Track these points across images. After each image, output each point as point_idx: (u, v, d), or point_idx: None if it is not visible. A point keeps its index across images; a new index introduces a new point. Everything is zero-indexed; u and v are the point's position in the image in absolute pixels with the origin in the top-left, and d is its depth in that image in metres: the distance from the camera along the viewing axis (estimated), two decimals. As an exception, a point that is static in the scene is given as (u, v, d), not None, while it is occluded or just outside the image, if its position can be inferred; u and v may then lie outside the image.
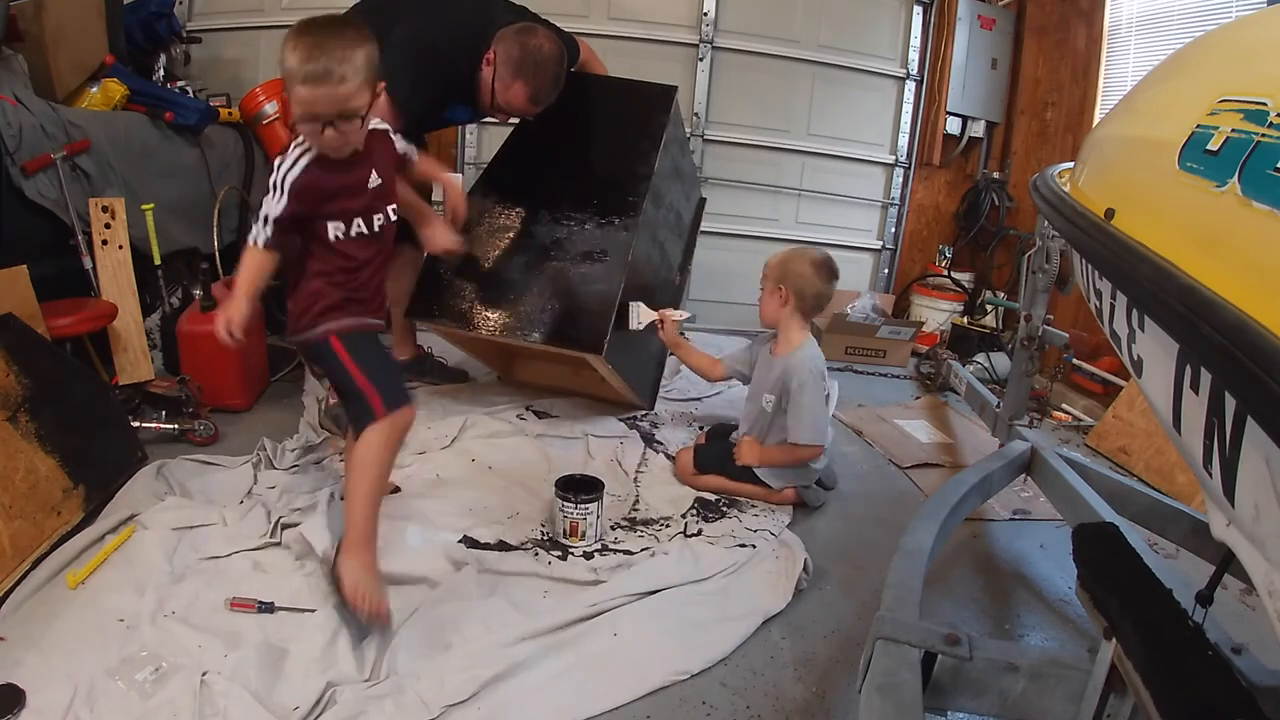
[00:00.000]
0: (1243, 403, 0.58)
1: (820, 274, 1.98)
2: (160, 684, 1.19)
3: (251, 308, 1.40)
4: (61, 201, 2.20)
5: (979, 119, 4.19)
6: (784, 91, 3.99)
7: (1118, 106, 1.11)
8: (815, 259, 2.00)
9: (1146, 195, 0.83)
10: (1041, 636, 1.63)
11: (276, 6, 3.92)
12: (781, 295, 1.99)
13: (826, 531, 1.96)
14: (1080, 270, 1.11)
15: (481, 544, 1.71)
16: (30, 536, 1.48)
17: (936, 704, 1.09)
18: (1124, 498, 1.72)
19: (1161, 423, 0.79)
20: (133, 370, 2.22)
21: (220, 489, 1.82)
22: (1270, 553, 0.64)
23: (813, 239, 4.24)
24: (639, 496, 2.03)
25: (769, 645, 1.48)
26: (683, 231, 2.83)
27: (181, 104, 2.74)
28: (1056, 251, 2.03)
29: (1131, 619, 0.86)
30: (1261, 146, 0.61)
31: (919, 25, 4.11)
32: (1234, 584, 1.65)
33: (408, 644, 1.35)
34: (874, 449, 2.58)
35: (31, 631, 1.29)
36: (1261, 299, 0.55)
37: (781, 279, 1.99)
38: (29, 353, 1.66)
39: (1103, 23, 3.59)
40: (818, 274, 1.98)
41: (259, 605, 1.40)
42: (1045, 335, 2.16)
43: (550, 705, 1.26)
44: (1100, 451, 2.72)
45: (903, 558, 1.33)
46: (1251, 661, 1.07)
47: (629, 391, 2.41)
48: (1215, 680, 0.76)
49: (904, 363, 3.70)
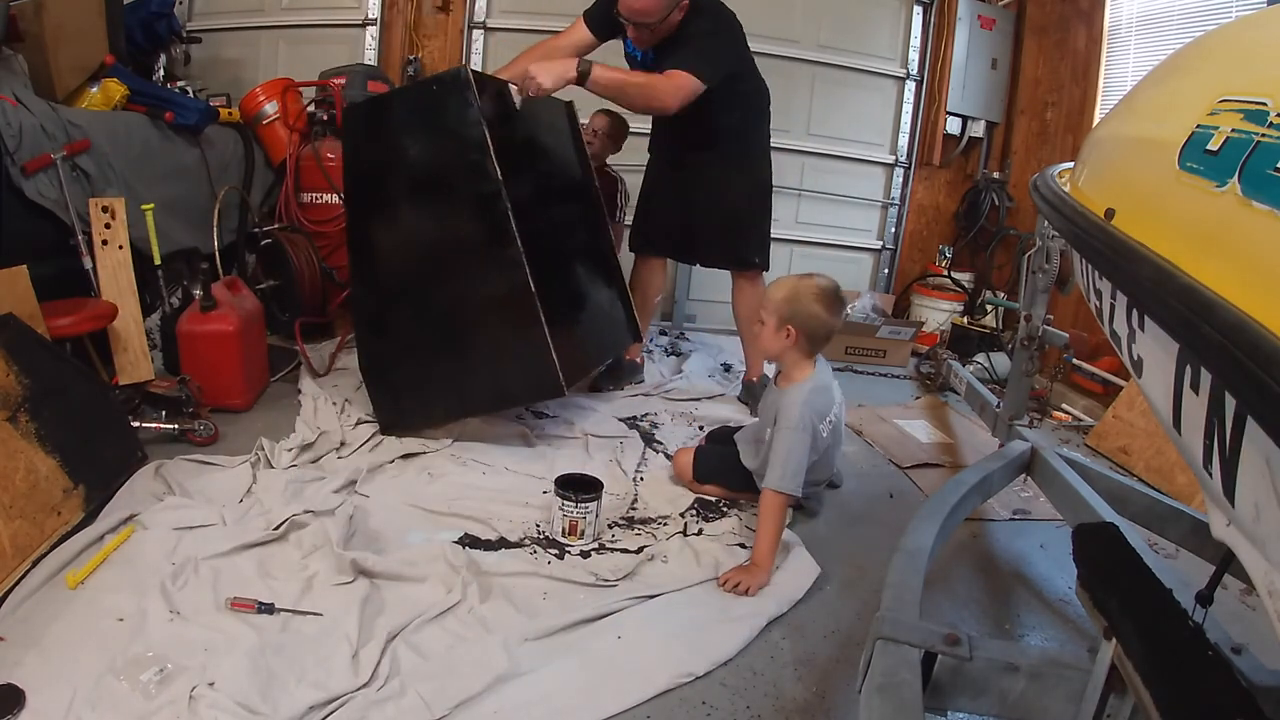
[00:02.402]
0: (1243, 403, 0.58)
1: (831, 311, 1.80)
2: (164, 685, 1.19)
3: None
4: (61, 201, 2.20)
5: (979, 119, 4.20)
6: (784, 91, 3.95)
7: (1118, 106, 1.11)
8: (824, 296, 1.80)
9: (1146, 195, 0.83)
10: (1041, 636, 1.63)
11: (276, 6, 3.93)
12: (789, 335, 1.81)
13: (827, 531, 1.96)
14: (1080, 270, 1.11)
15: (481, 542, 1.71)
16: (30, 536, 1.48)
17: (936, 704, 1.09)
18: (1124, 498, 1.72)
19: (1161, 423, 0.79)
20: (133, 370, 2.21)
21: (220, 489, 1.82)
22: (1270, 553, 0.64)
23: (812, 239, 4.26)
24: (638, 495, 2.03)
25: (769, 645, 1.48)
26: (566, 157, 2.71)
27: (181, 104, 2.74)
28: (1056, 251, 2.03)
29: (1131, 619, 0.86)
30: (1261, 146, 0.61)
31: (919, 25, 4.11)
32: (1234, 584, 1.65)
33: (408, 646, 1.35)
34: (874, 449, 2.58)
35: (31, 631, 1.29)
36: (1261, 299, 0.55)
37: (790, 319, 1.80)
38: (29, 353, 1.65)
39: (1103, 23, 3.60)
40: (828, 311, 1.80)
41: (259, 606, 1.39)
42: (1045, 335, 2.16)
43: (554, 709, 1.25)
44: (1100, 451, 2.72)
45: (903, 558, 1.33)
46: (1251, 661, 1.06)
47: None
48: (1215, 680, 0.76)
49: (904, 363, 3.70)
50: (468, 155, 1.99)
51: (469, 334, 2.13)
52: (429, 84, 2.17)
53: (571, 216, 2.66)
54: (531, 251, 2.00)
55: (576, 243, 2.63)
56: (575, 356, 2.22)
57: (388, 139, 2.13)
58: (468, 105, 1.97)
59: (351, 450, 2.11)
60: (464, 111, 1.97)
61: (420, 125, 2.08)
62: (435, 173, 2.09)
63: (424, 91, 2.18)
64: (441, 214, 2.13)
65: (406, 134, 2.10)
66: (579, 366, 2.34)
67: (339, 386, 2.52)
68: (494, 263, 2.02)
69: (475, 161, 1.98)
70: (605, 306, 2.68)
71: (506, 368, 2.10)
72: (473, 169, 1.98)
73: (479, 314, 2.10)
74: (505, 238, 1.98)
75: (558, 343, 2.02)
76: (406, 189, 2.15)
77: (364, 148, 2.20)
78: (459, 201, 2.07)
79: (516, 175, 2.06)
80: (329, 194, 3.12)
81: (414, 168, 2.11)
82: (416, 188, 2.14)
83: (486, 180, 1.97)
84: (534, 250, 2.02)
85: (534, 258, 2.00)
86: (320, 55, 3.69)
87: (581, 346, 2.42)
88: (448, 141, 2.04)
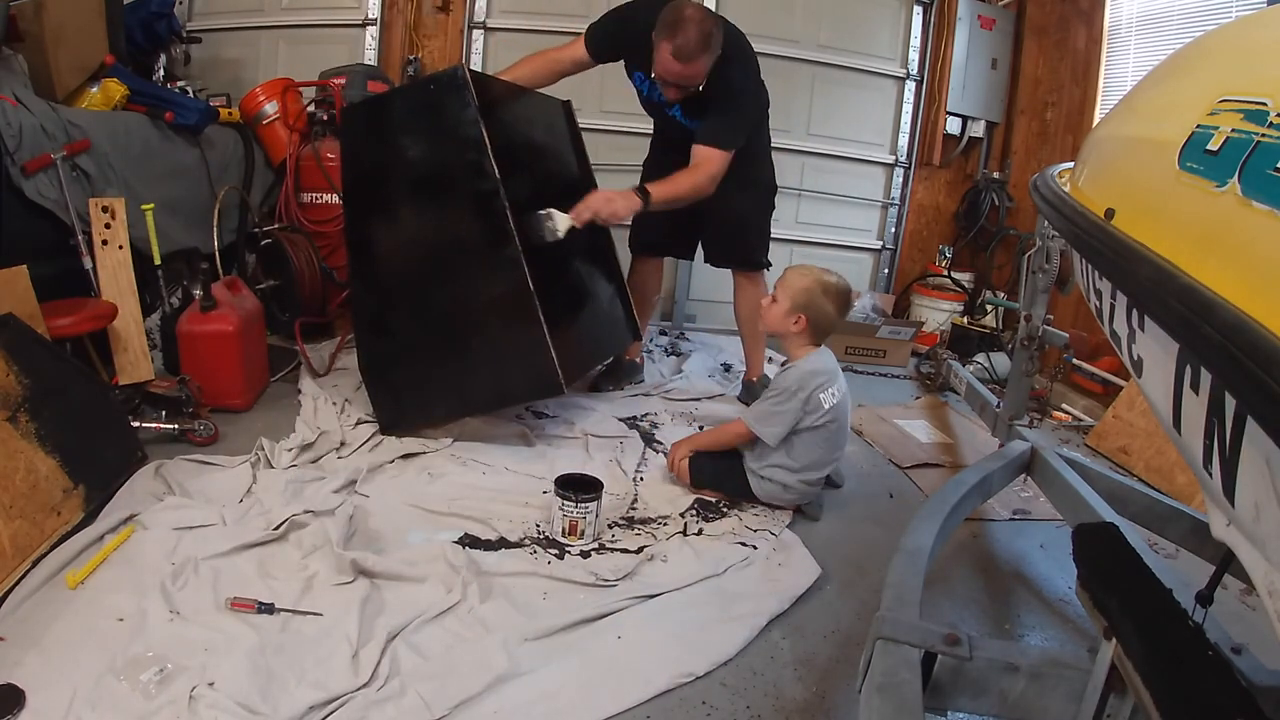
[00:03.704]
0: (1243, 403, 0.58)
1: (841, 311, 1.94)
2: (164, 685, 1.19)
3: None
4: (61, 201, 2.20)
5: (979, 119, 4.20)
6: (784, 91, 3.97)
7: (1118, 106, 1.11)
8: (839, 297, 1.93)
9: (1146, 195, 0.83)
10: (1041, 636, 1.63)
11: (276, 6, 3.93)
12: (798, 322, 1.92)
13: (826, 531, 1.96)
14: (1080, 270, 1.11)
15: (481, 542, 1.71)
16: (30, 536, 1.48)
17: (936, 704, 1.09)
18: (1124, 498, 1.72)
19: (1161, 423, 0.79)
20: (133, 370, 2.21)
21: (220, 489, 1.81)
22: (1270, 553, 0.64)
23: (812, 239, 4.25)
24: (638, 495, 2.03)
25: (769, 645, 1.48)
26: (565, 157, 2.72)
27: (181, 104, 2.74)
28: (1056, 251, 2.03)
29: (1131, 619, 0.86)
30: (1261, 146, 0.61)
31: (919, 25, 4.11)
32: (1234, 584, 1.65)
33: (408, 646, 1.35)
34: (874, 449, 2.58)
35: (31, 631, 1.29)
36: (1261, 299, 0.55)
37: (804, 308, 1.91)
38: (29, 353, 1.65)
39: (1103, 23, 3.60)
40: (838, 310, 1.93)
41: (259, 606, 1.39)
42: (1045, 335, 2.16)
43: (554, 709, 1.25)
44: (1100, 451, 2.72)
45: (903, 558, 1.33)
46: (1251, 661, 1.07)
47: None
48: (1215, 680, 0.76)
49: (904, 363, 3.70)
50: (465, 154, 1.99)
51: (468, 333, 2.13)
52: (426, 83, 2.16)
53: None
54: (530, 250, 2.00)
55: (575, 242, 2.63)
56: (575, 355, 2.22)
57: (386, 139, 2.13)
58: (465, 105, 1.97)
59: (351, 450, 2.11)
60: (461, 111, 1.97)
61: (418, 125, 2.08)
62: (433, 172, 2.09)
63: (421, 91, 2.18)
64: (440, 213, 2.13)
65: (404, 134, 2.10)
66: (578, 365, 2.34)
67: (339, 386, 2.52)
68: (493, 261, 2.02)
69: (473, 160, 1.98)
70: (604, 305, 2.69)
71: (506, 366, 2.10)
72: (471, 168, 1.98)
73: (478, 313, 2.10)
74: (504, 236, 1.98)
75: (557, 341, 2.02)
76: (405, 189, 2.15)
77: (362, 148, 2.19)
78: (457, 201, 2.07)
79: (515, 174, 2.06)
80: (329, 194, 3.12)
81: (412, 167, 2.11)
82: (415, 187, 2.13)
83: (485, 179, 1.97)
84: (532, 249, 2.02)
85: (532, 257, 2.00)
86: (320, 55, 3.69)
87: (581, 345, 2.42)
88: (446, 141, 2.04)
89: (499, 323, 2.07)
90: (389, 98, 2.37)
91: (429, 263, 2.15)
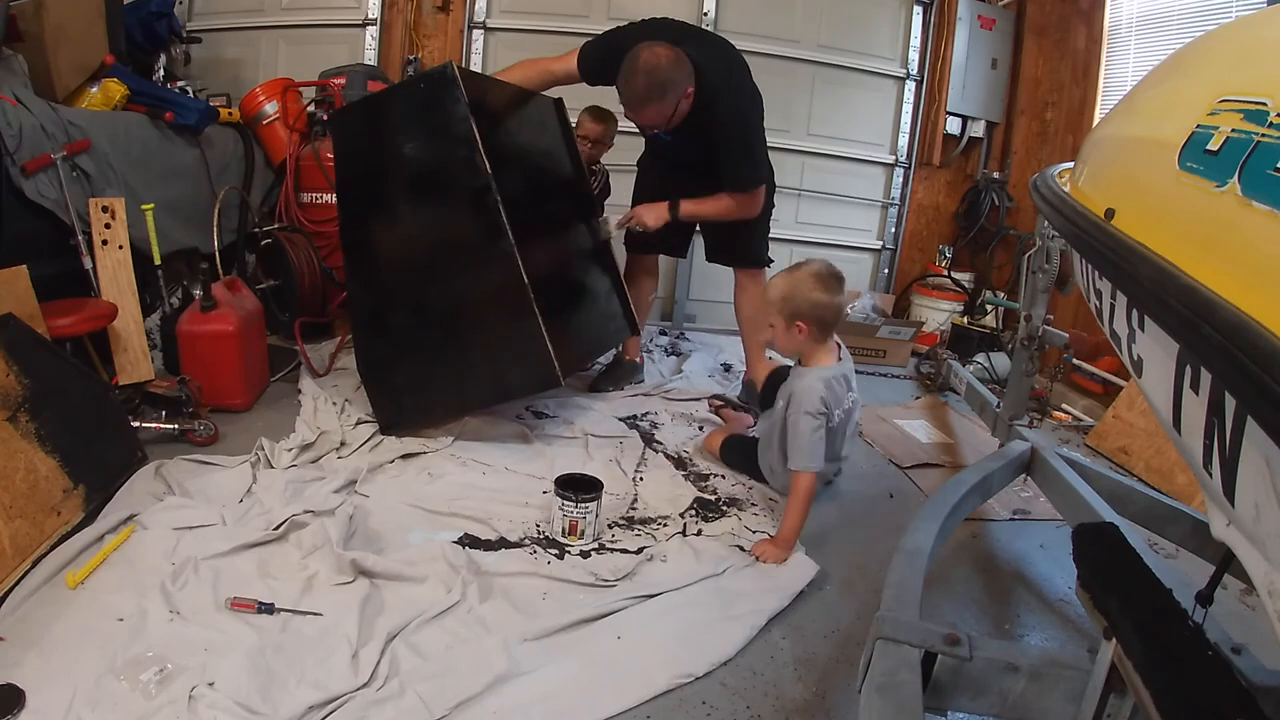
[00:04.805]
0: (1243, 403, 0.58)
1: (831, 292, 1.83)
2: (164, 685, 1.19)
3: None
4: (61, 201, 2.20)
5: (979, 119, 4.20)
6: (784, 91, 3.98)
7: (1118, 106, 1.11)
8: (820, 280, 1.83)
9: (1146, 195, 0.83)
10: (1041, 636, 1.63)
11: (276, 6, 3.93)
12: (800, 330, 1.85)
13: (827, 531, 1.96)
14: (1080, 270, 1.11)
15: (481, 542, 1.71)
16: (30, 536, 1.48)
17: (936, 704, 1.09)
18: (1124, 498, 1.72)
19: (1161, 423, 0.79)
20: (133, 370, 2.21)
21: (220, 489, 1.81)
22: (1270, 553, 0.64)
23: (812, 239, 4.25)
24: (638, 495, 2.03)
25: (769, 645, 1.48)
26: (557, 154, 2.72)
27: (181, 104, 2.74)
28: (1056, 251, 2.03)
29: (1131, 619, 0.86)
30: (1261, 146, 0.61)
31: (919, 25, 4.11)
32: (1234, 584, 1.65)
33: (407, 646, 1.35)
34: (874, 449, 2.58)
35: (31, 631, 1.29)
36: (1261, 299, 0.55)
37: (796, 315, 1.84)
38: (29, 353, 1.65)
39: (1103, 23, 3.60)
40: (828, 293, 1.83)
41: (259, 606, 1.39)
42: (1045, 335, 2.16)
43: (553, 709, 1.25)
44: (1100, 451, 2.72)
45: (903, 558, 1.33)
46: (1251, 661, 1.06)
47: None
48: (1215, 680, 0.76)
49: (904, 363, 3.70)
50: (457, 151, 2.00)
51: (465, 328, 2.13)
52: (416, 82, 2.17)
53: (564, 211, 2.67)
54: (524, 244, 2.01)
55: (570, 237, 2.64)
56: (572, 348, 2.22)
57: (377, 138, 2.13)
58: (456, 102, 1.97)
59: (351, 450, 2.11)
60: (452, 107, 1.98)
61: (409, 123, 2.09)
62: (426, 169, 2.10)
63: (412, 90, 2.19)
64: (433, 210, 2.13)
65: (396, 132, 2.10)
66: (576, 358, 2.34)
67: (339, 386, 2.52)
68: (487, 256, 2.02)
69: (464, 157, 1.98)
70: (601, 299, 2.69)
71: (503, 360, 2.11)
72: (462, 164, 1.99)
73: (474, 308, 2.10)
74: (497, 231, 1.98)
75: (553, 334, 2.03)
76: (398, 187, 2.15)
77: (354, 148, 2.20)
78: (450, 197, 2.08)
79: (507, 170, 2.07)
80: (329, 194, 3.12)
81: (405, 165, 2.12)
82: (408, 185, 2.14)
83: (476, 175, 1.97)
84: (526, 243, 2.02)
85: (526, 251, 2.01)
86: (320, 55, 3.69)
87: (577, 338, 2.43)
88: (437, 138, 2.04)
89: (495, 316, 2.08)
90: (380, 97, 2.37)
91: (424, 260, 2.16)
